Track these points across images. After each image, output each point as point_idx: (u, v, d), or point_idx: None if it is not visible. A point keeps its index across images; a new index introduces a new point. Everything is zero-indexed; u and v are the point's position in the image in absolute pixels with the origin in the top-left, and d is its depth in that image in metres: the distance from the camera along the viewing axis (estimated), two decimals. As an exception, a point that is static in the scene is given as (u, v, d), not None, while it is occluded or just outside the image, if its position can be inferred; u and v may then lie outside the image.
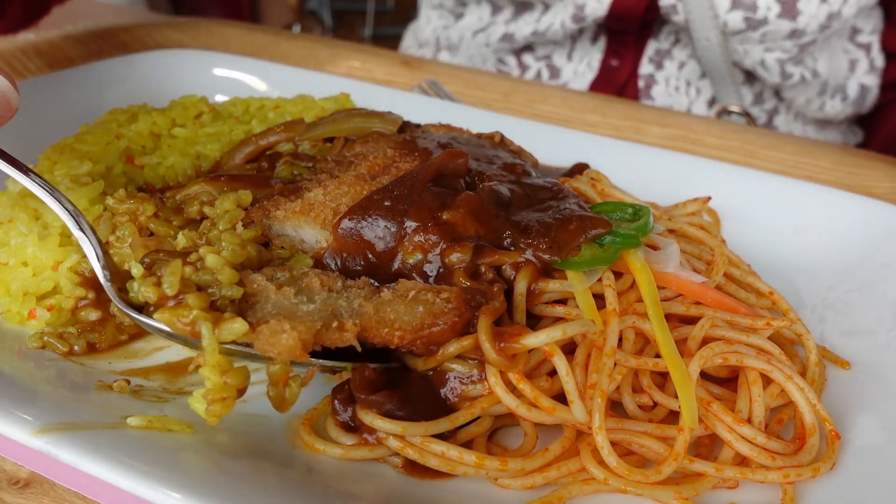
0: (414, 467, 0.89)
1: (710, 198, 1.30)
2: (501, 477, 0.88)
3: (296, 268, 0.97)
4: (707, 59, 1.92)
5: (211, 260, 0.91)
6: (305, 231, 1.04)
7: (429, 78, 1.83)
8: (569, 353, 0.96)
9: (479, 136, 1.29)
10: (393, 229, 0.99)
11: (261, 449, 0.89)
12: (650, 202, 1.26)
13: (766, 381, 0.96)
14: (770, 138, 1.70)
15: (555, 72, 2.12)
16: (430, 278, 0.98)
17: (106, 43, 1.81)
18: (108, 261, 1.00)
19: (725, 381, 1.00)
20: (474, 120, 1.40)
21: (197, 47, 1.83)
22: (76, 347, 1.02)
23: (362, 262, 1.02)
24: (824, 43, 1.93)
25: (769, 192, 1.37)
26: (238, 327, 0.84)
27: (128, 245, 1.08)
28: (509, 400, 0.89)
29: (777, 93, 2.05)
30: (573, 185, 1.16)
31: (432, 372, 0.93)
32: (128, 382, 0.96)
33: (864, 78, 2.03)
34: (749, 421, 0.92)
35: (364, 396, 0.89)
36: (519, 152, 1.28)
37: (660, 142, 1.66)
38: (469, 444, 0.92)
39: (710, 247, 1.12)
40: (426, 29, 2.42)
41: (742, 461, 0.91)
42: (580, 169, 1.29)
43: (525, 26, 2.03)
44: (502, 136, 1.30)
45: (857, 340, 1.11)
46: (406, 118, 1.33)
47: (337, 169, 1.13)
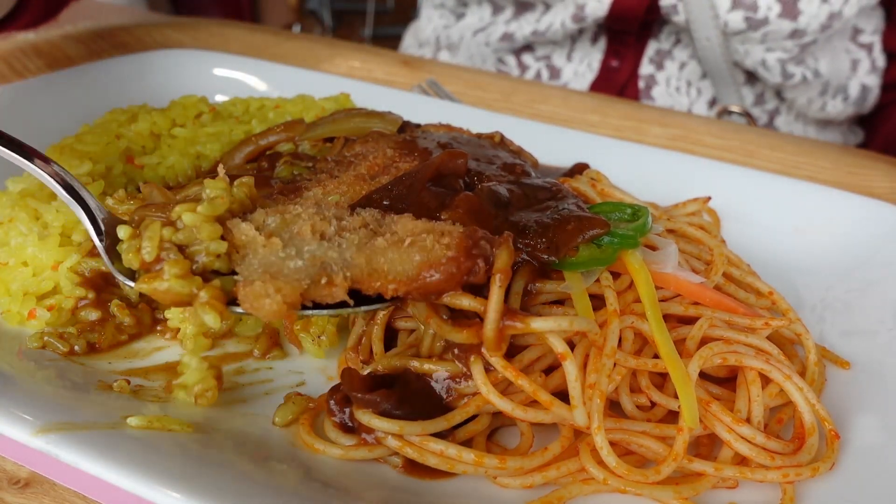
0: (414, 467, 0.89)
1: (709, 198, 1.30)
2: (500, 476, 0.88)
3: (288, 210, 0.93)
4: (708, 59, 1.92)
5: (188, 218, 0.88)
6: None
7: (429, 78, 1.83)
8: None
9: (479, 136, 1.29)
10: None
11: (261, 449, 0.89)
12: (650, 202, 1.26)
13: (765, 380, 0.96)
14: (770, 138, 1.70)
15: (555, 72, 2.12)
16: None
17: (106, 43, 1.81)
18: (107, 222, 0.97)
19: (724, 381, 1.00)
20: (474, 120, 1.40)
21: (197, 47, 1.83)
22: (76, 347, 1.02)
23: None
24: (826, 43, 1.93)
25: (769, 192, 1.38)
26: (209, 319, 0.84)
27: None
28: (503, 404, 0.89)
29: (778, 93, 2.05)
30: (573, 186, 1.16)
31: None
32: (128, 382, 0.96)
33: (866, 78, 2.03)
34: (748, 421, 0.92)
35: (360, 396, 0.89)
36: (519, 152, 1.28)
37: (660, 142, 1.66)
38: (468, 442, 0.92)
39: (710, 247, 1.12)
40: (427, 28, 2.42)
41: (741, 461, 0.91)
42: (580, 169, 1.29)
43: (525, 26, 2.03)
44: (502, 136, 1.30)
45: (856, 340, 1.11)
46: (406, 118, 1.33)
47: (337, 169, 1.13)
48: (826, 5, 1.79)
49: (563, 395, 0.93)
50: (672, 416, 0.94)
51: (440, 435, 0.90)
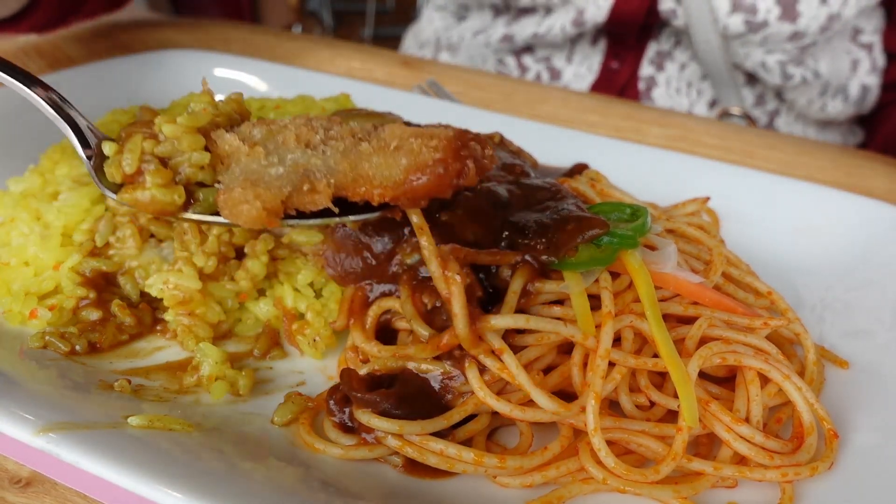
0: (414, 466, 0.90)
1: (708, 198, 1.30)
2: (500, 475, 0.88)
3: (276, 122, 0.91)
4: (708, 61, 1.92)
5: (168, 130, 0.87)
6: (304, 232, 1.05)
7: (429, 78, 1.84)
8: (566, 352, 0.96)
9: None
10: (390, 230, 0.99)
11: (261, 448, 0.89)
12: (650, 202, 1.26)
13: (764, 380, 0.97)
14: (769, 138, 1.70)
15: (555, 73, 2.12)
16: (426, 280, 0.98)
17: (106, 43, 1.81)
18: (97, 142, 0.95)
19: (723, 381, 1.01)
20: (474, 120, 1.40)
21: (197, 48, 1.83)
22: (77, 347, 1.02)
23: (361, 264, 1.02)
24: (826, 44, 1.94)
25: (768, 192, 1.38)
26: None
27: (128, 246, 1.08)
28: (501, 406, 0.89)
29: (778, 94, 2.05)
30: (572, 186, 1.16)
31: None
32: (129, 382, 0.96)
33: (866, 78, 2.03)
34: (747, 420, 0.93)
35: (360, 395, 0.89)
36: (518, 153, 1.28)
37: (659, 142, 1.66)
38: (468, 442, 0.92)
39: (709, 247, 1.13)
40: (427, 29, 2.42)
41: (741, 460, 0.91)
42: (580, 169, 1.29)
43: (525, 28, 2.04)
44: (502, 137, 1.30)
45: (855, 340, 1.12)
46: (406, 118, 1.33)
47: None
48: (825, 7, 1.79)
49: (562, 395, 0.93)
50: (671, 416, 0.94)
51: (440, 434, 0.90)
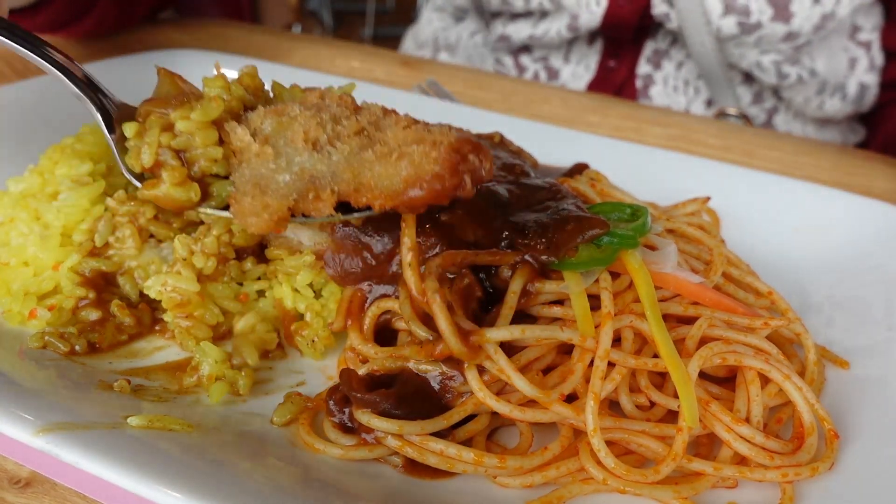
0: (414, 467, 0.90)
1: (709, 198, 1.30)
2: (500, 475, 0.88)
3: (287, 111, 0.93)
4: (703, 62, 1.92)
5: (182, 125, 0.91)
6: (303, 233, 1.05)
7: (429, 78, 1.84)
8: (567, 352, 0.96)
9: (479, 136, 1.29)
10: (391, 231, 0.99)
11: (261, 449, 0.89)
12: (650, 202, 1.26)
13: (765, 380, 0.96)
14: (769, 138, 1.70)
15: (552, 73, 2.12)
16: None
17: (106, 43, 1.81)
18: (118, 117, 1.00)
19: (723, 381, 1.01)
20: (474, 120, 1.40)
21: (197, 47, 1.83)
22: (77, 347, 1.02)
23: (360, 264, 1.02)
24: (822, 42, 1.93)
25: (768, 192, 1.38)
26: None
27: (127, 246, 1.08)
28: (500, 406, 0.89)
29: (776, 92, 2.05)
30: (572, 186, 1.16)
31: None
32: (128, 382, 0.96)
33: (864, 76, 2.02)
34: (747, 420, 0.93)
35: (360, 396, 0.89)
36: (518, 153, 1.28)
37: (659, 142, 1.66)
38: (468, 442, 0.92)
39: (709, 247, 1.13)
40: (426, 30, 2.42)
41: (741, 460, 0.91)
42: (580, 169, 1.29)
43: (522, 30, 2.04)
44: (502, 137, 1.30)
45: (855, 340, 1.12)
46: (406, 118, 1.33)
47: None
48: (818, 7, 1.79)
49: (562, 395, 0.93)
50: (671, 416, 0.94)
51: (440, 434, 0.90)
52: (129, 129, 0.94)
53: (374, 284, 1.03)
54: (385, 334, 1.03)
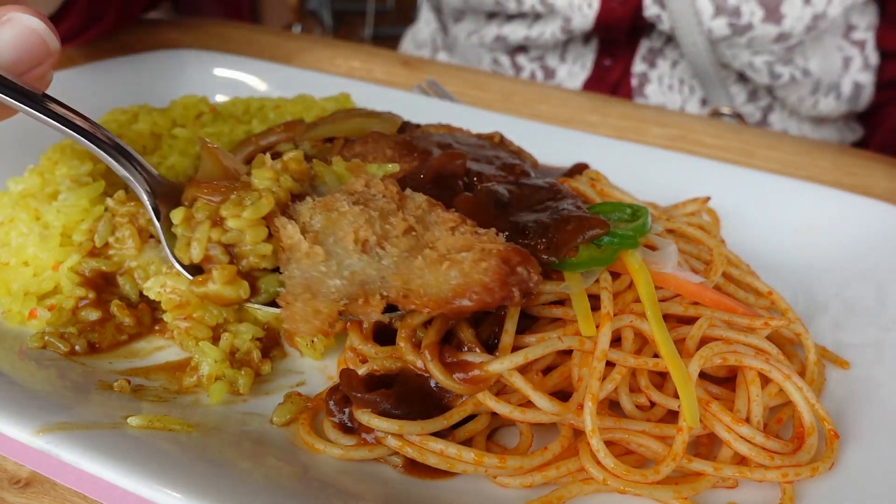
0: (414, 467, 0.90)
1: (709, 198, 1.30)
2: (500, 475, 0.88)
3: (334, 204, 0.93)
4: (696, 63, 1.92)
5: (233, 223, 0.92)
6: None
7: (429, 78, 1.84)
8: (567, 352, 0.96)
9: (479, 136, 1.29)
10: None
11: (261, 449, 0.89)
12: (650, 202, 1.26)
13: (765, 380, 0.97)
14: (769, 138, 1.70)
15: (549, 72, 2.13)
16: None
17: (106, 43, 1.81)
18: (159, 195, 0.99)
19: (723, 381, 1.01)
20: (474, 120, 1.40)
21: (197, 47, 1.83)
22: (77, 347, 1.02)
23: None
24: (815, 42, 1.93)
25: (768, 192, 1.38)
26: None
27: (127, 246, 1.08)
28: (500, 407, 0.89)
29: (770, 91, 2.05)
30: (572, 186, 1.16)
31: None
32: (128, 382, 0.96)
33: (859, 76, 2.02)
34: (747, 420, 0.93)
35: (360, 395, 0.89)
36: (518, 153, 1.28)
37: (659, 142, 1.66)
38: (468, 442, 0.92)
39: (709, 247, 1.13)
40: (425, 30, 2.42)
41: (741, 461, 0.91)
42: (580, 169, 1.29)
43: (517, 30, 2.05)
44: (502, 137, 1.30)
45: (856, 340, 1.12)
46: (406, 118, 1.33)
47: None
48: (809, 7, 1.79)
49: (562, 395, 0.93)
50: (671, 416, 0.94)
51: (440, 434, 0.90)
52: (176, 216, 0.94)
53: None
54: (385, 334, 1.03)
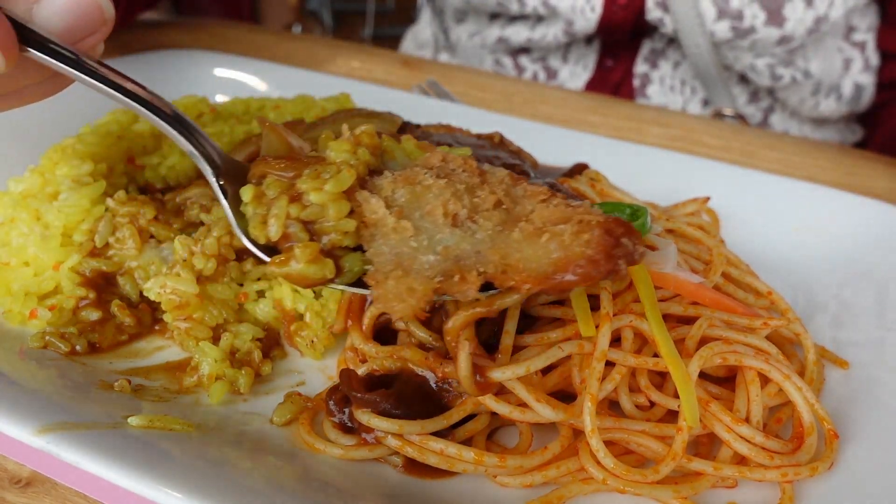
0: (415, 466, 0.90)
1: (708, 198, 1.30)
2: (500, 474, 0.88)
3: (415, 177, 0.87)
4: (698, 64, 1.93)
5: (315, 197, 0.84)
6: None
7: (429, 78, 1.84)
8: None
9: (479, 136, 1.29)
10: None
11: (261, 449, 0.89)
12: (649, 202, 1.26)
13: (764, 380, 0.97)
14: (769, 138, 1.70)
15: (551, 73, 2.13)
16: None
17: (106, 43, 1.81)
18: (224, 171, 0.92)
19: (723, 381, 1.01)
20: (474, 120, 1.40)
21: (197, 47, 1.83)
22: (77, 347, 1.02)
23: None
24: (816, 43, 1.94)
25: (768, 192, 1.38)
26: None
27: (128, 247, 1.08)
28: (500, 407, 0.90)
29: (771, 92, 2.05)
30: (572, 186, 1.16)
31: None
32: (129, 382, 0.96)
33: (859, 77, 2.02)
34: (747, 420, 0.93)
35: (360, 395, 0.89)
36: (518, 153, 1.28)
37: (659, 142, 1.66)
38: (468, 442, 0.92)
39: (709, 247, 1.13)
40: (426, 30, 2.42)
41: (740, 460, 0.91)
42: (580, 169, 1.29)
43: (520, 32, 2.05)
44: (502, 137, 1.30)
45: (855, 340, 1.12)
46: (406, 118, 1.33)
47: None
48: (811, 10, 1.80)
49: (561, 395, 0.93)
50: (671, 416, 0.94)
51: (440, 434, 0.90)
52: (246, 193, 0.88)
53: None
54: (385, 334, 1.03)
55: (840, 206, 1.33)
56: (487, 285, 0.81)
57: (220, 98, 1.63)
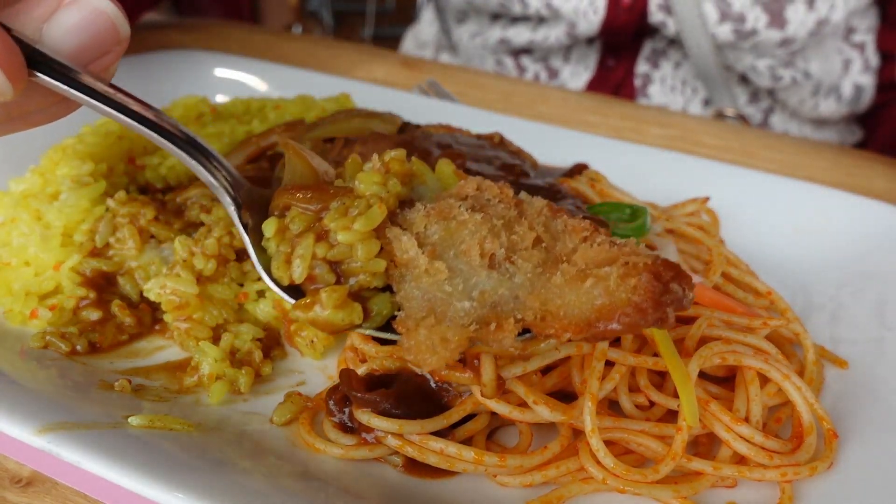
0: (415, 466, 0.90)
1: (708, 198, 1.30)
2: (500, 474, 0.88)
3: (450, 212, 0.81)
4: (700, 65, 1.93)
5: (344, 237, 0.79)
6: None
7: (429, 78, 1.84)
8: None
9: (479, 136, 1.29)
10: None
11: (261, 449, 0.90)
12: (649, 202, 1.26)
13: (764, 380, 0.97)
14: (769, 139, 1.70)
15: (552, 73, 2.13)
16: None
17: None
18: (244, 200, 0.86)
19: (722, 381, 1.01)
20: (474, 120, 1.40)
21: (198, 48, 1.84)
22: (78, 347, 1.02)
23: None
24: (817, 44, 1.94)
25: (768, 192, 1.38)
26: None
27: (128, 247, 1.09)
28: (500, 407, 0.90)
29: (771, 93, 2.06)
30: (572, 186, 1.16)
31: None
32: (129, 382, 0.96)
33: (859, 77, 2.03)
34: (747, 420, 0.93)
35: (360, 395, 0.89)
36: (518, 153, 1.28)
37: (659, 142, 1.66)
38: (468, 441, 0.92)
39: (708, 247, 1.13)
40: (427, 30, 2.42)
41: (740, 460, 0.92)
42: (579, 169, 1.29)
43: (522, 33, 2.05)
44: (501, 137, 1.30)
45: (855, 340, 1.12)
46: (406, 118, 1.33)
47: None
48: (813, 13, 1.80)
49: (560, 395, 0.93)
50: (671, 416, 0.94)
51: (440, 434, 0.90)
52: (269, 227, 0.83)
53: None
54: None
55: (840, 207, 1.33)
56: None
57: (221, 98, 1.63)
